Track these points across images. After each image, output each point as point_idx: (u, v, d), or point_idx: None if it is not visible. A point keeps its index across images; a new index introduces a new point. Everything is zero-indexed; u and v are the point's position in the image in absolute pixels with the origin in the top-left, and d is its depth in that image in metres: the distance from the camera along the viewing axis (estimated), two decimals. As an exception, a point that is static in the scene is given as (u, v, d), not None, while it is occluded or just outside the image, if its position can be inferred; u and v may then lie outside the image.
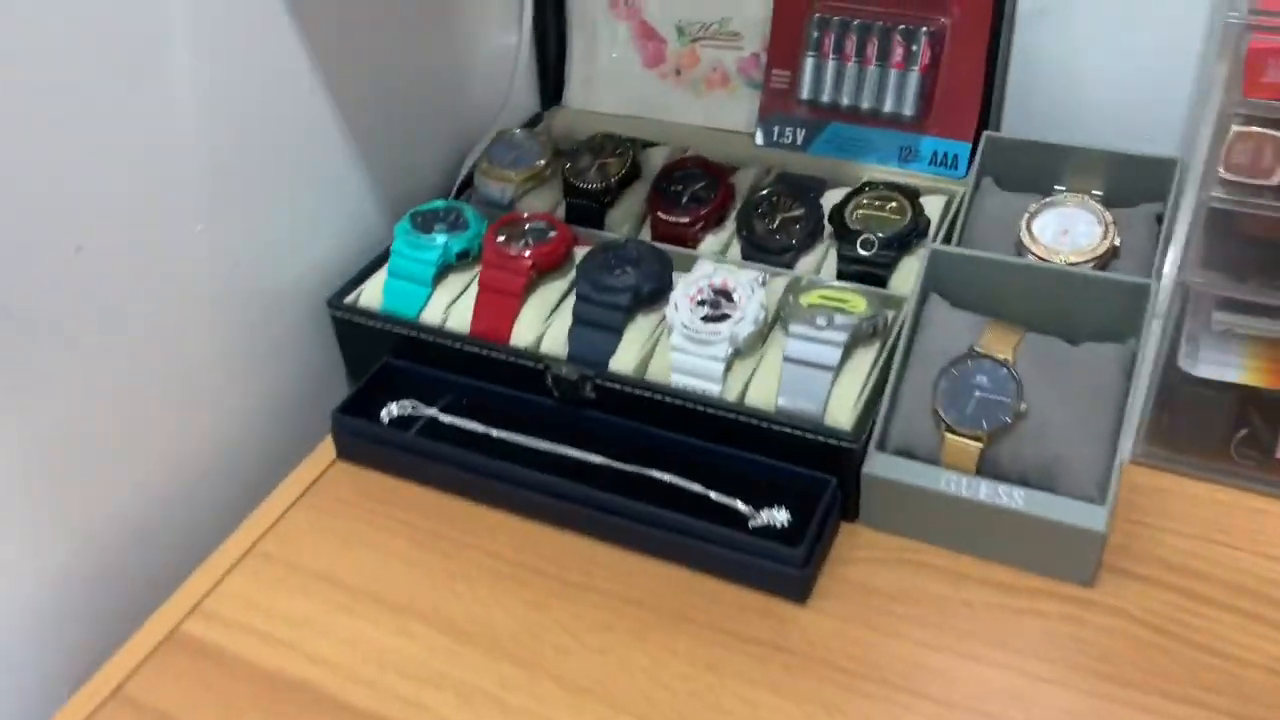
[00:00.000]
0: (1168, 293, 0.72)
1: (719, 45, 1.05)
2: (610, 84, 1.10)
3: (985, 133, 0.92)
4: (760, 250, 0.91)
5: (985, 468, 0.73)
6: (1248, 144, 0.67)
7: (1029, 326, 0.78)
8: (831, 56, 0.97)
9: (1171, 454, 0.76)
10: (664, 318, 0.83)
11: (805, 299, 0.81)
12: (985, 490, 0.72)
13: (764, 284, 0.83)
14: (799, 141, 1.02)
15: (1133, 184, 0.87)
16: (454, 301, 0.89)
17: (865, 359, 0.79)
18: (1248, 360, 0.75)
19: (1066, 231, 0.84)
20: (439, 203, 0.94)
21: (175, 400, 0.81)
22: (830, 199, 0.94)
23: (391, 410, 0.85)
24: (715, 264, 0.85)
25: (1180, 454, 0.76)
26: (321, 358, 0.92)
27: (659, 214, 0.94)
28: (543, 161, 1.00)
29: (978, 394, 0.73)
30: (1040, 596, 0.72)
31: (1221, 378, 0.75)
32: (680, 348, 0.80)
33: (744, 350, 0.80)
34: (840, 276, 0.88)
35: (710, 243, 0.94)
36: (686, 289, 0.83)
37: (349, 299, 0.91)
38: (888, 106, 0.96)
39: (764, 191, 0.94)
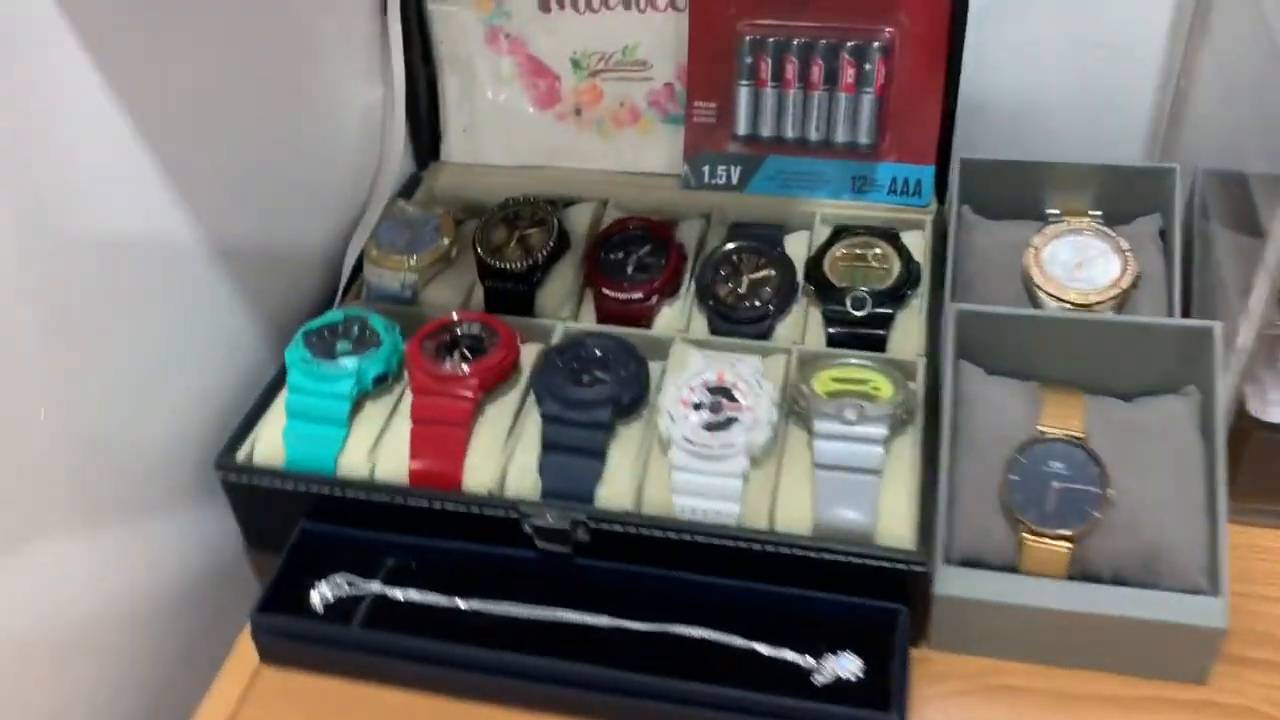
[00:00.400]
0: (1249, 337, 0.63)
1: (624, 77, 0.90)
2: (496, 131, 0.94)
3: (959, 156, 0.82)
4: (730, 321, 0.77)
5: (1073, 568, 0.62)
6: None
7: (1079, 387, 0.67)
8: (770, 84, 0.84)
9: (1260, 505, 0.68)
10: (647, 424, 0.69)
11: (819, 384, 0.68)
12: (1082, 597, 0.61)
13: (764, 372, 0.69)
14: (735, 180, 0.88)
15: (1127, 198, 0.79)
16: (379, 441, 0.71)
17: (905, 452, 0.67)
18: (1320, 396, 0.67)
19: (1080, 265, 0.74)
20: (335, 314, 0.75)
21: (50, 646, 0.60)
22: (792, 248, 0.81)
23: (324, 593, 0.67)
24: (704, 355, 0.71)
25: (1269, 504, 0.68)
26: (218, 532, 0.73)
27: (605, 291, 0.79)
28: (447, 240, 0.83)
29: (1055, 485, 0.62)
30: (1154, 706, 0.62)
31: (1297, 419, 0.67)
32: (684, 466, 0.66)
33: (760, 458, 0.67)
34: (831, 343, 0.76)
35: (667, 316, 0.80)
36: (678, 391, 0.68)
37: (240, 455, 0.71)
38: (840, 136, 0.84)
39: (723, 250, 0.80)
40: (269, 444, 0.71)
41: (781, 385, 0.71)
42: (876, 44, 0.81)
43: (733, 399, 0.67)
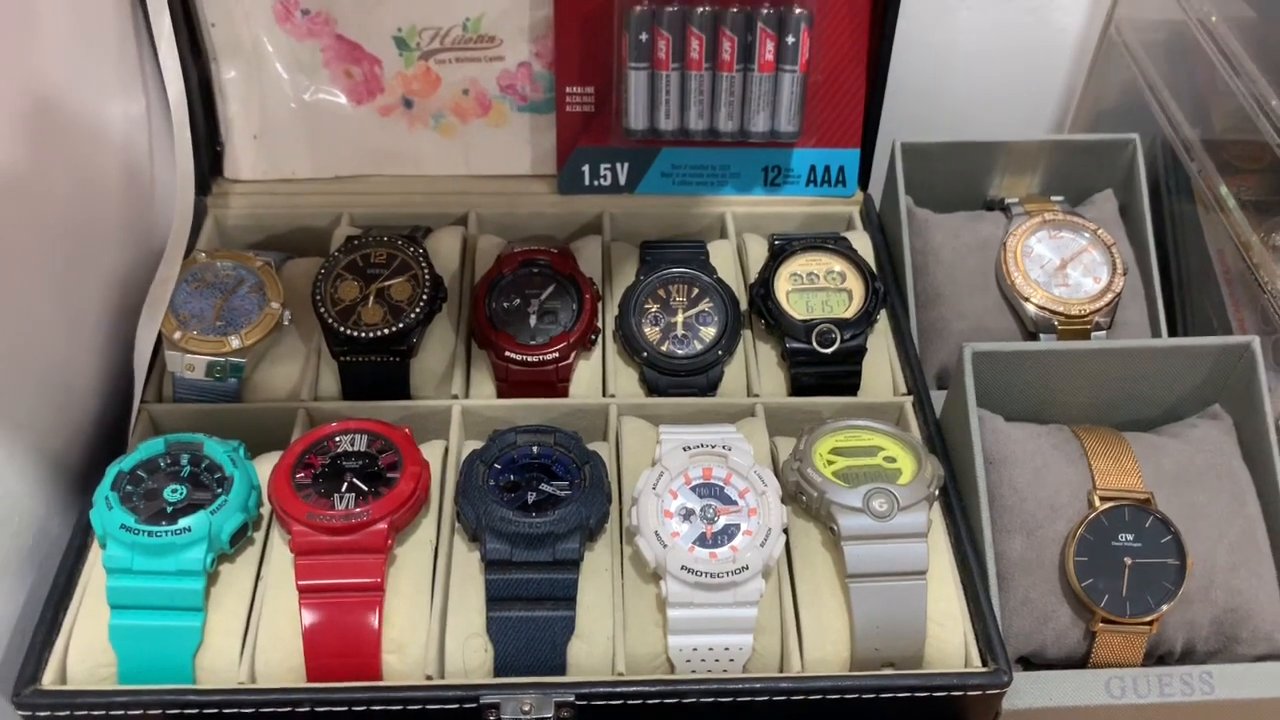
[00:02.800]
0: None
1: (467, 57, 0.71)
2: (300, 136, 0.72)
3: (897, 140, 0.69)
4: (669, 374, 0.62)
5: (1149, 649, 0.53)
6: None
7: (1097, 420, 0.58)
8: (670, 65, 0.67)
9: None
10: (607, 537, 0.53)
11: (820, 461, 0.55)
12: (1170, 685, 0.52)
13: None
14: (622, 181, 0.72)
15: (1079, 175, 0.70)
16: (250, 623, 0.51)
17: (937, 537, 0.55)
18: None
19: (1064, 264, 0.64)
20: (154, 444, 0.53)
21: None
22: (718, 264, 0.67)
23: None
24: (678, 439, 0.55)
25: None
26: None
27: (506, 353, 0.61)
28: (275, 303, 0.62)
29: (1128, 560, 0.52)
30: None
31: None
32: (685, 601, 0.51)
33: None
34: (797, 387, 0.62)
35: (586, 376, 0.63)
36: (658, 500, 0.52)
37: (46, 678, 0.49)
38: (758, 125, 0.69)
39: (646, 282, 0.64)
40: (87, 653, 0.50)
41: (764, 457, 0.57)
42: (799, 9, 0.66)
43: (728, 500, 0.53)
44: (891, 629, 0.51)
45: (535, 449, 0.54)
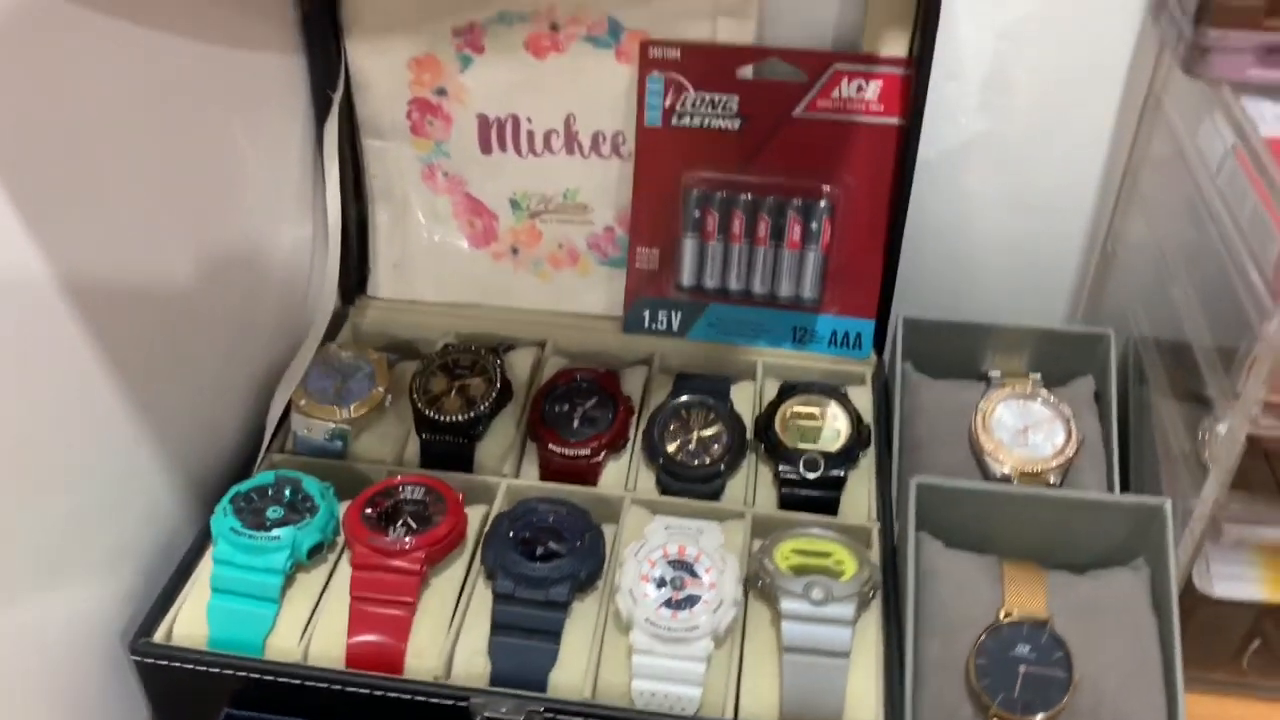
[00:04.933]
0: (1202, 521, 0.65)
1: (564, 220, 0.89)
2: (429, 268, 0.91)
3: (901, 314, 0.83)
4: (680, 479, 0.75)
5: (1039, 752, 0.61)
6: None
7: (1034, 559, 0.67)
8: (716, 238, 0.83)
9: (1206, 674, 0.69)
10: (601, 596, 0.66)
11: (780, 557, 0.67)
12: (1055, 786, 0.60)
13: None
14: (675, 327, 0.87)
15: (1063, 360, 0.81)
16: (312, 620, 0.66)
17: (868, 631, 0.65)
18: (1261, 572, 0.69)
19: (1025, 429, 0.75)
20: (265, 476, 0.70)
21: None
22: (739, 400, 0.80)
23: (249, 792, 0.61)
24: (664, 524, 0.68)
25: (1201, 671, 0.69)
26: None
27: (550, 446, 0.76)
28: (381, 388, 0.79)
29: (1023, 669, 0.62)
30: None
31: (1238, 595, 0.68)
32: (646, 649, 0.63)
33: (722, 637, 0.64)
34: (784, 504, 0.75)
35: (614, 472, 0.77)
36: (638, 566, 0.65)
37: (157, 634, 0.65)
38: (784, 290, 0.84)
39: (672, 404, 0.78)
40: (189, 622, 0.65)
41: (740, 553, 0.69)
42: (823, 202, 0.81)
43: (695, 574, 0.65)
44: (814, 699, 0.62)
45: (551, 516, 0.68)
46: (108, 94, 0.60)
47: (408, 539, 0.66)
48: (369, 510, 0.68)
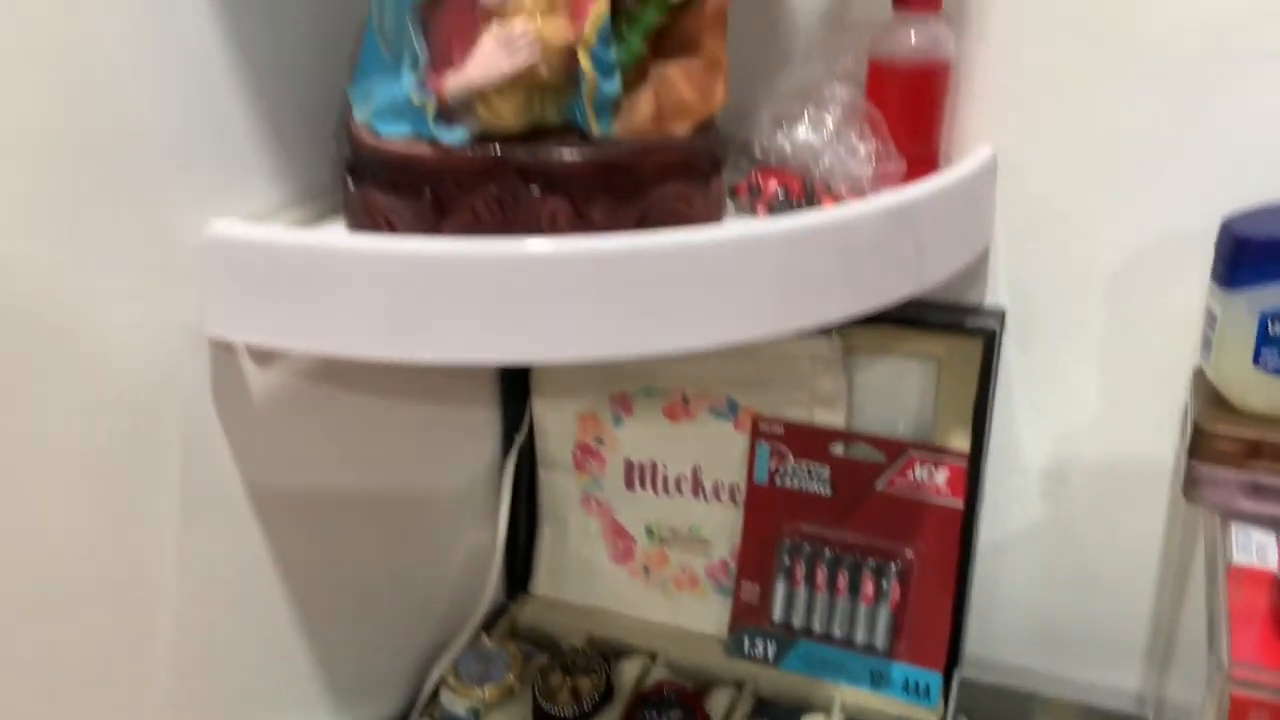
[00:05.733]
0: None
1: (688, 550, 1.07)
2: (578, 576, 1.11)
3: (957, 675, 0.93)
4: (736, 795, 0.88)
5: None
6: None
7: None
8: (802, 584, 0.99)
9: None
10: None
11: None
12: None
13: None
14: (770, 657, 1.01)
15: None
16: None
17: None
18: None
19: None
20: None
21: None
22: (806, 731, 0.93)
23: None
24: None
25: None
26: None
27: (631, 748, 0.91)
28: (513, 676, 0.98)
29: None
30: None
31: None
32: None
33: None
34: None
35: (684, 780, 0.91)
36: None
37: None
38: (859, 638, 0.97)
39: (742, 728, 0.92)
40: None
41: None
42: (895, 566, 0.95)
43: None
44: None
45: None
46: (356, 441, 0.86)
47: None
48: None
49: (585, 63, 0.63)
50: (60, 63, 0.57)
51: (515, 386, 1.08)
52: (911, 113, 0.79)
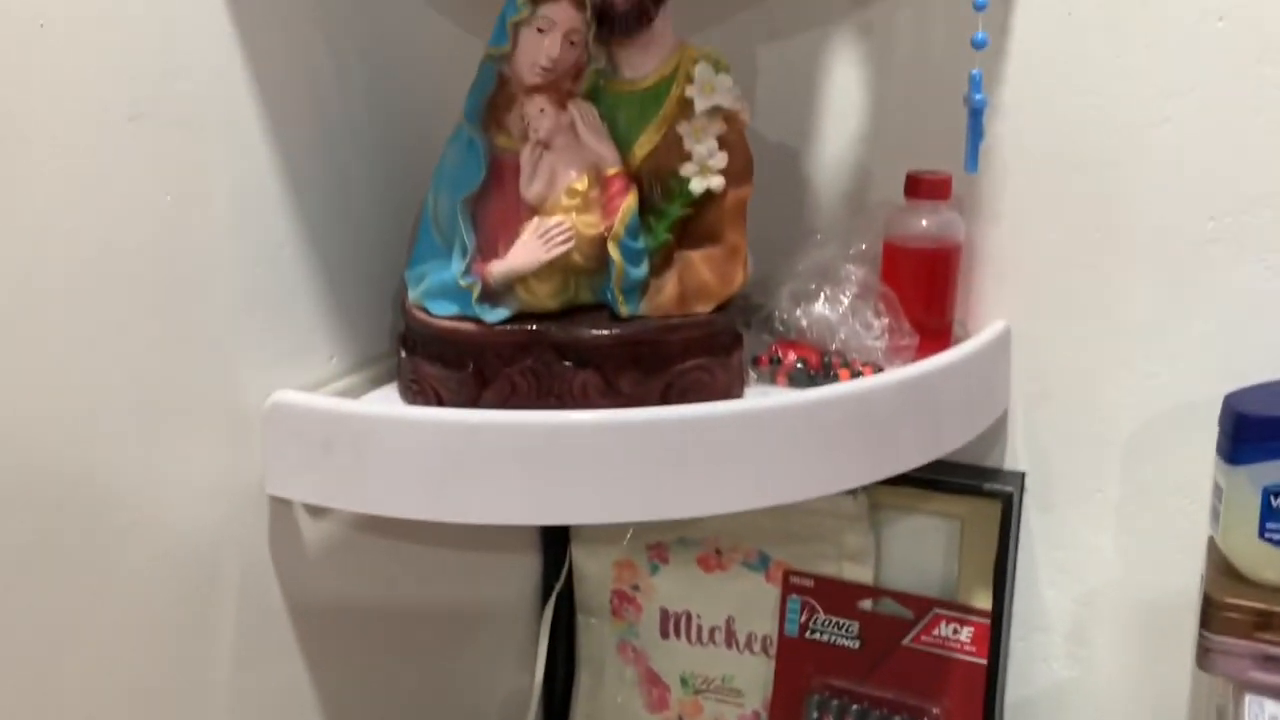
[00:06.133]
0: None
1: (721, 699, 1.09)
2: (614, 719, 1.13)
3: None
4: None
5: None
6: None
7: None
8: (832, 739, 1.00)
9: None
10: None
11: None
12: None
13: None
14: (802, 809, 1.02)
15: None
16: None
17: None
18: None
19: None
20: None
21: None
22: None
23: None
24: None
25: None
26: None
27: None
28: (541, 822, 1.00)
29: None
30: None
31: None
32: None
33: None
34: None
35: None
36: None
37: None
38: (890, 792, 0.98)
39: None
40: None
41: None
42: (921, 722, 0.97)
43: None
44: None
45: None
46: (400, 585, 0.91)
47: None
48: None
49: (615, 254, 0.70)
50: (155, 256, 0.65)
51: (555, 532, 1.12)
52: (925, 290, 0.85)
